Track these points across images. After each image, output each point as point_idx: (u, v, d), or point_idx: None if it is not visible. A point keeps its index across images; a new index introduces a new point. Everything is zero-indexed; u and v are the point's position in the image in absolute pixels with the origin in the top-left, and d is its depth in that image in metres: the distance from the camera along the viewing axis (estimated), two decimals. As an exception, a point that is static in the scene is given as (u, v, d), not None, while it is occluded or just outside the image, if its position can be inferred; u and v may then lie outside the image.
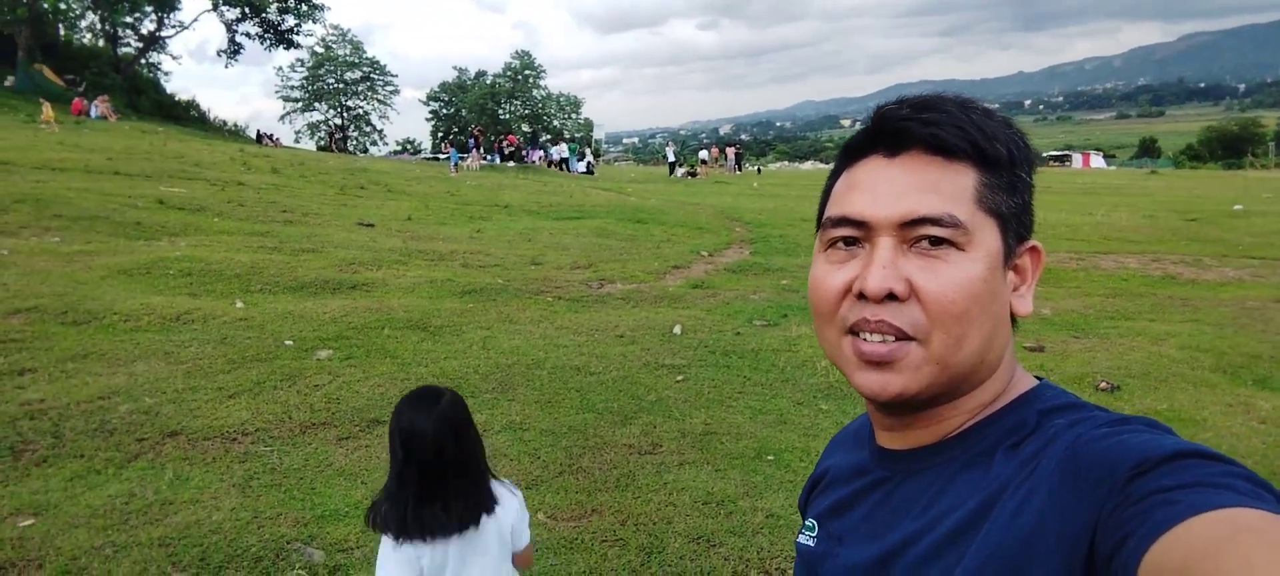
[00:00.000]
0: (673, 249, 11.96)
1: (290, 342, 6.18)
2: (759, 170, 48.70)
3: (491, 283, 8.80)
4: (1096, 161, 62.52)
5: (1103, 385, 5.81)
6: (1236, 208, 18.44)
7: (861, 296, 0.73)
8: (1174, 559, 0.50)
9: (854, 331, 0.74)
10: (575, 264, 10.31)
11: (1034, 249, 0.77)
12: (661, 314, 7.68)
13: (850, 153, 0.79)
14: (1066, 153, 79.03)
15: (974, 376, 0.74)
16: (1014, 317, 0.77)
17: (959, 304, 0.70)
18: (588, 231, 13.31)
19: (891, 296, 0.71)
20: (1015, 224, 0.74)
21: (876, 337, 0.72)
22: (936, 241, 0.70)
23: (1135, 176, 38.92)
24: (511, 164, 33.19)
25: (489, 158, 33.94)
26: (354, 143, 58.73)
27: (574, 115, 66.48)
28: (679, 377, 5.78)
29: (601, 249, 11.61)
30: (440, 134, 61.89)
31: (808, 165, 69.47)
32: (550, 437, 4.65)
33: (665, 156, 41.45)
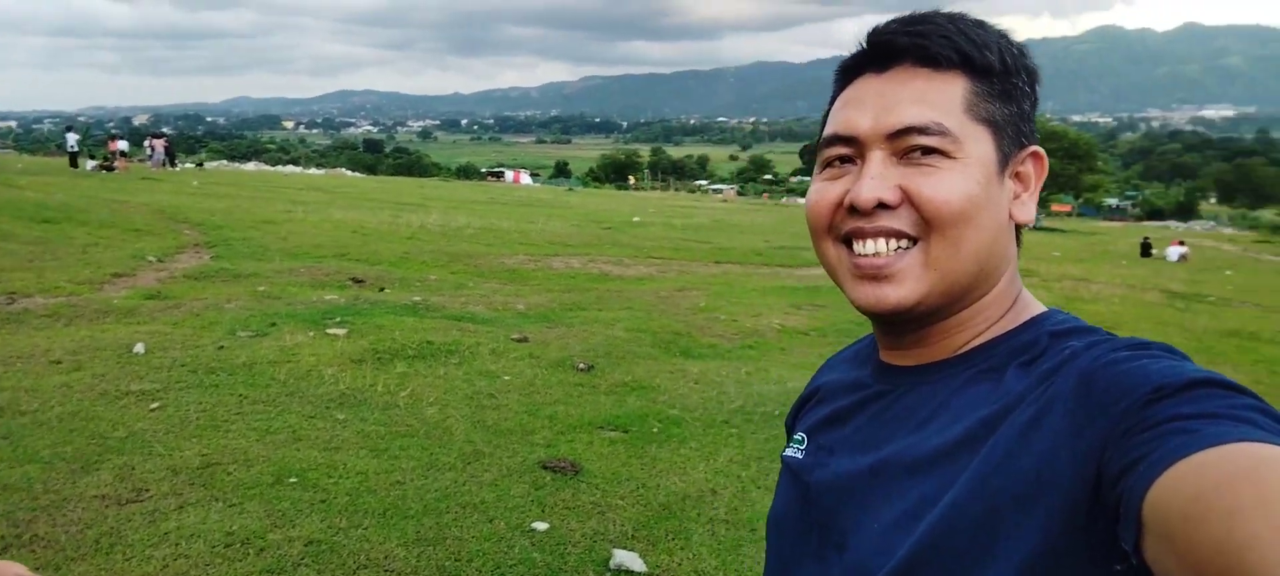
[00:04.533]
0: (106, 254, 9.74)
1: None
2: (201, 165, 42.77)
3: None
4: (525, 178, 71.37)
5: (581, 366, 6.69)
6: (635, 218, 23.20)
7: (853, 210, 0.72)
8: (1187, 488, 0.48)
9: (848, 241, 0.74)
10: (-47, 275, 7.68)
11: (1036, 154, 0.76)
12: (110, 331, 6.21)
13: (844, 74, 0.78)
14: (500, 169, 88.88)
15: (975, 288, 0.74)
16: (1018, 232, 0.77)
17: (954, 204, 0.69)
18: (-37, 233, 10.02)
19: (883, 206, 0.71)
20: (1011, 131, 0.74)
21: (872, 246, 0.72)
22: (927, 150, 0.70)
23: (558, 192, 45.69)
24: None
25: None
26: None
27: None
28: (153, 405, 4.77)
29: (-4, 255, 8.86)
30: None
31: (251, 165, 63.76)
32: (-28, 506, 3.40)
33: (66, 145, 33.65)
